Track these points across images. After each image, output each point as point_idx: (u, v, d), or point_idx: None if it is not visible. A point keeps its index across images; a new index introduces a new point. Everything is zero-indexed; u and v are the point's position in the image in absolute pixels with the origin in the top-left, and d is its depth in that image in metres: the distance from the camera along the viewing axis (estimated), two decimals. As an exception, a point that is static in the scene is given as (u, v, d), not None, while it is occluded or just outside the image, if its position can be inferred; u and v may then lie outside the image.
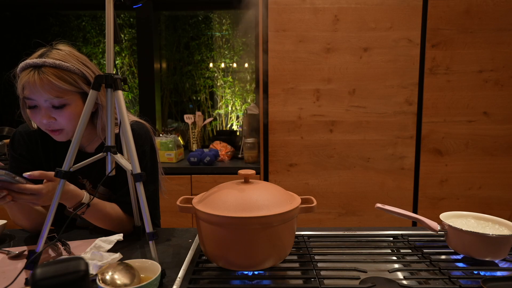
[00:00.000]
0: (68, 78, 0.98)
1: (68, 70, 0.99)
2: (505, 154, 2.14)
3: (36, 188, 0.86)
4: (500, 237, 0.83)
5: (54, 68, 0.97)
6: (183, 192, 2.20)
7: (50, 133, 1.04)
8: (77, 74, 1.00)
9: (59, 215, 1.08)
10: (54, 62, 0.97)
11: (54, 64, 0.97)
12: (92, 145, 1.14)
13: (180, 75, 2.99)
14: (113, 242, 0.90)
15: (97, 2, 2.47)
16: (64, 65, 0.98)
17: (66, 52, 1.02)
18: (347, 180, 2.18)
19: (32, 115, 1.02)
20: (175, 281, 0.79)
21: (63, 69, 0.98)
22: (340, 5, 2.07)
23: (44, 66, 0.96)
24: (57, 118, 1.00)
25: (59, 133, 1.04)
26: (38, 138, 1.14)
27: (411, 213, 0.95)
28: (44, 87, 0.95)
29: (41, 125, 1.03)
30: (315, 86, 2.13)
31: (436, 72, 2.10)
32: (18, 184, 0.84)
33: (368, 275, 0.81)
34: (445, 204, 2.17)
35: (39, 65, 0.96)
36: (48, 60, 0.97)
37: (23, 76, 0.97)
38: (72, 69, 0.99)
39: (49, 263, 0.47)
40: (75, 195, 0.94)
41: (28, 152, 1.13)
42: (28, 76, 0.96)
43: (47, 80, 0.95)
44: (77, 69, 1.00)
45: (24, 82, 0.96)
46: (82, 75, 1.01)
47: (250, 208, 0.77)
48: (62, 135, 1.04)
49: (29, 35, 2.88)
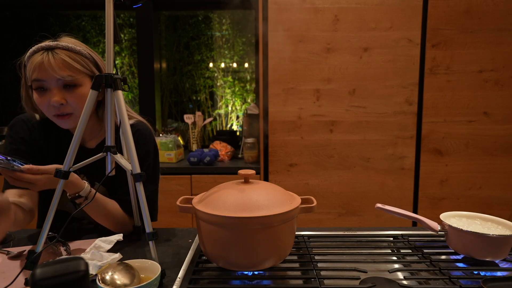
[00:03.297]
0: (80, 60, 1.01)
1: (80, 53, 1.01)
2: (505, 154, 2.14)
3: (33, 178, 0.86)
4: (500, 237, 0.83)
5: (67, 50, 1.00)
6: (183, 192, 2.20)
7: (58, 118, 1.03)
8: (88, 58, 1.03)
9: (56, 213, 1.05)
10: (67, 45, 1.00)
11: (67, 47, 1.00)
12: (93, 141, 1.14)
13: (180, 75, 2.99)
14: (113, 242, 0.89)
15: (97, 2, 2.47)
16: (76, 48, 1.01)
17: (75, 40, 1.06)
18: (347, 180, 2.17)
19: (41, 99, 1.01)
20: (175, 281, 0.79)
21: (75, 51, 1.01)
22: (340, 5, 2.06)
23: (57, 48, 0.99)
24: (68, 100, 1.00)
25: (68, 117, 1.03)
26: (40, 127, 1.13)
27: (411, 213, 0.95)
28: (58, 65, 0.97)
29: (49, 109, 1.01)
30: (315, 86, 2.13)
31: (436, 72, 2.09)
32: (16, 173, 0.85)
33: (368, 275, 0.81)
34: (445, 204, 2.17)
35: (52, 47, 0.98)
36: (61, 43, 1.00)
37: (34, 58, 0.98)
38: (84, 53, 1.02)
39: (48, 263, 0.47)
40: (76, 185, 0.93)
41: (30, 137, 1.12)
42: (42, 57, 0.97)
43: (61, 59, 0.98)
44: (88, 53, 1.03)
45: (36, 63, 0.97)
46: (93, 60, 1.04)
47: (250, 208, 0.77)
48: (70, 120, 1.03)
49: (29, 35, 2.88)
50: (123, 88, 0.88)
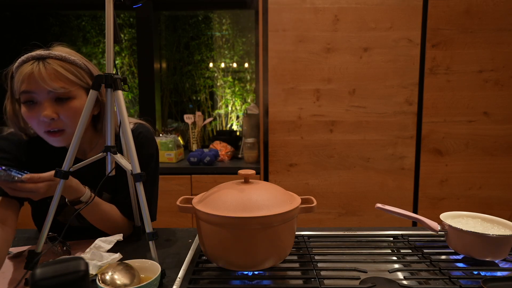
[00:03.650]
0: (74, 71, 0.94)
1: (75, 63, 0.94)
2: (505, 154, 2.14)
3: (34, 187, 0.83)
4: (500, 237, 0.83)
5: (60, 60, 0.92)
6: (183, 192, 2.20)
7: (49, 135, 0.95)
8: (83, 69, 0.96)
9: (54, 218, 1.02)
10: (61, 54, 0.93)
11: (60, 56, 0.92)
12: (93, 152, 1.07)
13: (180, 75, 2.99)
14: (113, 242, 0.89)
15: (97, 2, 2.47)
16: (70, 58, 0.94)
17: (69, 49, 0.98)
18: (347, 180, 2.17)
19: (30, 113, 0.92)
20: (175, 281, 0.79)
21: (69, 61, 0.93)
22: (340, 5, 2.06)
23: (50, 58, 0.91)
24: (60, 114, 0.92)
25: (60, 134, 0.94)
26: (29, 146, 1.02)
27: (411, 213, 0.95)
28: (50, 76, 0.89)
29: (39, 125, 0.93)
30: (315, 86, 2.13)
31: (436, 72, 2.09)
32: (17, 184, 0.81)
33: (368, 275, 0.81)
34: (445, 204, 2.17)
35: (43, 56, 0.91)
36: (54, 52, 0.92)
37: (24, 68, 0.90)
38: (78, 63, 0.95)
39: (48, 263, 0.47)
40: (76, 190, 0.92)
41: (16, 157, 1.00)
42: (32, 67, 0.89)
43: (53, 69, 0.90)
44: (83, 64, 0.96)
45: (25, 73, 0.89)
46: (88, 71, 0.97)
47: (250, 208, 0.77)
48: (62, 137, 0.95)
49: (29, 35, 2.88)
50: (123, 88, 0.88)
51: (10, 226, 0.90)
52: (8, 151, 0.99)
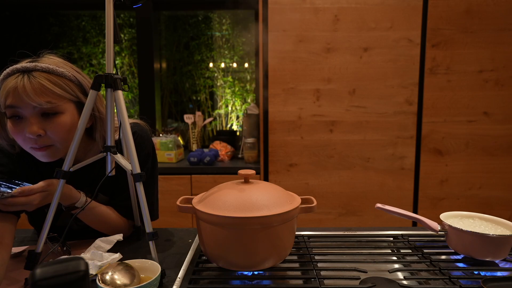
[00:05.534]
0: (62, 84, 0.88)
1: (63, 75, 0.88)
2: (505, 154, 2.14)
3: (27, 200, 0.82)
4: (500, 237, 0.83)
5: (47, 73, 0.86)
6: (183, 192, 2.20)
7: (35, 151, 0.89)
8: (73, 81, 0.90)
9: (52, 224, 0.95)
10: (48, 66, 0.86)
11: (47, 69, 0.86)
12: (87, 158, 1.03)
13: (180, 75, 2.99)
14: (113, 242, 0.89)
15: (97, 2, 2.47)
16: (58, 70, 0.88)
17: (59, 60, 0.92)
18: (347, 180, 2.17)
19: (15, 129, 0.87)
20: (175, 281, 0.79)
21: (57, 74, 0.87)
22: (340, 5, 2.06)
23: (36, 70, 0.85)
24: (47, 130, 0.87)
25: (45, 150, 0.89)
26: (21, 159, 0.98)
27: (411, 213, 0.95)
28: (35, 90, 0.83)
29: (25, 141, 0.88)
30: (315, 86, 2.13)
31: (436, 72, 2.09)
32: (9, 199, 0.79)
33: (368, 275, 0.81)
34: (445, 204, 2.17)
35: (29, 69, 0.85)
36: (40, 64, 0.86)
37: (8, 82, 0.85)
38: (67, 75, 0.89)
39: (48, 263, 0.47)
40: (71, 197, 0.91)
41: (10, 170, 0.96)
42: (16, 80, 0.84)
43: (39, 83, 0.84)
44: (73, 75, 0.90)
45: (10, 87, 0.84)
46: (78, 83, 0.91)
47: (250, 208, 0.77)
48: (49, 151, 0.89)
49: (29, 35, 2.88)
50: (123, 88, 0.88)
51: (7, 245, 0.86)
52: (3, 164, 0.95)
